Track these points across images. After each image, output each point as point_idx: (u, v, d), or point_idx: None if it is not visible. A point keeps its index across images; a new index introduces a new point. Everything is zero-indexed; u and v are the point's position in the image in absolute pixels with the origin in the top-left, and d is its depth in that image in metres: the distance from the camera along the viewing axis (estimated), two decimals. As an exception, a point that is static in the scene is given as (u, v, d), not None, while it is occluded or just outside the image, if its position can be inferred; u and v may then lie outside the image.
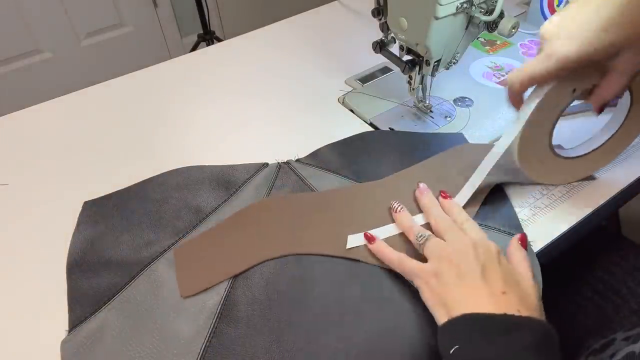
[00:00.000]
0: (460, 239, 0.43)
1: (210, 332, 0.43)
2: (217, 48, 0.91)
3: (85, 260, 0.50)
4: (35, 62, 1.79)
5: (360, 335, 0.42)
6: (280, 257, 0.49)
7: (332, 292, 0.46)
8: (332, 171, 0.59)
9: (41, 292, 0.49)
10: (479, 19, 0.54)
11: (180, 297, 0.46)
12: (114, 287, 0.48)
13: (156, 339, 0.43)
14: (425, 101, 0.67)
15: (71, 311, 0.46)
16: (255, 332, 0.43)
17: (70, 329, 0.44)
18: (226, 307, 0.45)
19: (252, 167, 0.60)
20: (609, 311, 0.56)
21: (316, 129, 0.67)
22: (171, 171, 0.60)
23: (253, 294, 0.46)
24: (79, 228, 0.54)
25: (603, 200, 0.53)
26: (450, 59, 0.60)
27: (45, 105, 0.76)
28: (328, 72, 0.79)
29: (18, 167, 0.64)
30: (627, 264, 0.59)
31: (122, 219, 0.55)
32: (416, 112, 0.68)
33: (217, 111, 0.72)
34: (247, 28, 0.96)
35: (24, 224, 0.56)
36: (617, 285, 0.58)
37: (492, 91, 0.70)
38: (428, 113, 0.67)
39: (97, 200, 0.57)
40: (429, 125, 0.65)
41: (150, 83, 0.80)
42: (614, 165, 0.57)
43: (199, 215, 0.54)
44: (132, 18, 1.92)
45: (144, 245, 0.52)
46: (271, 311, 0.45)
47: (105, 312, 0.46)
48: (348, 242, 0.49)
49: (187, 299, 0.46)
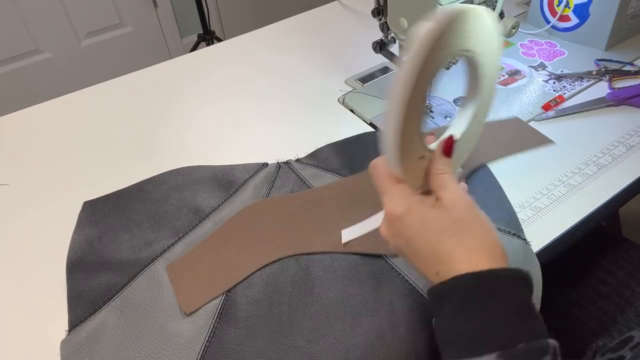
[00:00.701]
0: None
1: (210, 332, 0.43)
2: (217, 48, 0.91)
3: (85, 260, 0.50)
4: (35, 62, 1.79)
5: (359, 336, 0.42)
6: (277, 260, 0.49)
7: (331, 291, 0.46)
8: (332, 171, 0.59)
9: (41, 292, 0.49)
10: (479, 19, 0.54)
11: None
12: (114, 287, 0.48)
13: (156, 339, 0.43)
14: (425, 101, 0.67)
15: (71, 311, 0.46)
16: (255, 332, 0.43)
17: (69, 329, 0.44)
18: (226, 306, 0.45)
19: (252, 167, 0.60)
20: (613, 312, 0.56)
21: (316, 129, 0.67)
22: (171, 171, 0.60)
23: (253, 294, 0.46)
24: (79, 228, 0.54)
25: (603, 200, 0.53)
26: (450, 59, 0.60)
27: (45, 105, 0.76)
28: (328, 72, 0.79)
29: (18, 167, 0.64)
30: (628, 265, 0.59)
31: (122, 219, 0.55)
32: (416, 112, 0.68)
33: (218, 111, 0.72)
34: (247, 28, 0.96)
35: (23, 224, 0.56)
36: (619, 287, 0.58)
37: (492, 91, 0.70)
38: (428, 113, 0.67)
39: (97, 200, 0.57)
40: (429, 125, 0.65)
41: (150, 83, 0.80)
42: (614, 165, 0.57)
43: (199, 215, 0.54)
44: (132, 18, 1.92)
45: (144, 245, 0.52)
46: (271, 311, 0.45)
47: (104, 312, 0.45)
48: (343, 236, 0.49)
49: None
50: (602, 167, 0.56)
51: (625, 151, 0.58)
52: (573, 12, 0.77)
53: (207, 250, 0.51)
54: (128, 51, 1.97)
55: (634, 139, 0.60)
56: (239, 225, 0.53)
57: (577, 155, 0.58)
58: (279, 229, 0.52)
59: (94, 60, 1.91)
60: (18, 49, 1.73)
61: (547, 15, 0.81)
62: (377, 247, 0.48)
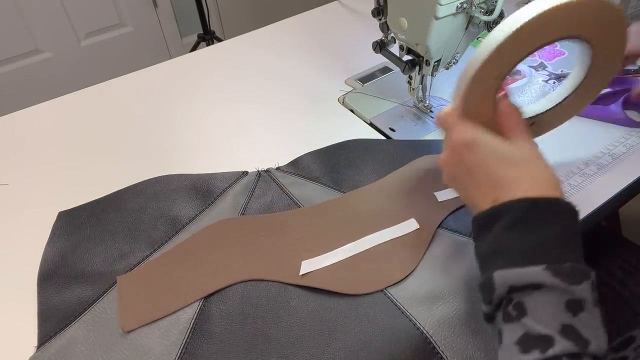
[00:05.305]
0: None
1: (182, 348, 0.42)
2: (217, 48, 0.91)
3: (57, 273, 0.49)
4: (35, 62, 1.79)
5: (335, 351, 0.42)
6: (230, 285, 0.47)
7: (308, 305, 0.45)
8: (312, 179, 0.58)
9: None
10: (479, 19, 0.54)
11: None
12: (86, 301, 0.46)
13: (126, 355, 0.42)
14: (425, 101, 0.67)
15: (41, 326, 0.45)
16: (229, 348, 0.42)
17: (39, 345, 0.43)
18: (199, 321, 0.44)
19: (231, 175, 0.59)
20: (612, 313, 0.56)
21: (316, 129, 0.67)
22: (150, 180, 0.59)
23: (228, 308, 0.45)
24: (52, 240, 0.53)
25: (603, 200, 0.53)
26: (450, 59, 0.60)
27: (45, 105, 0.76)
28: (328, 72, 0.79)
29: (18, 167, 0.64)
30: (628, 265, 0.59)
31: (97, 230, 0.53)
32: (416, 112, 0.68)
33: (218, 111, 0.72)
34: (247, 28, 0.95)
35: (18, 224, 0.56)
36: (618, 287, 0.57)
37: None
38: (428, 113, 0.67)
39: (72, 210, 0.56)
40: (429, 125, 0.65)
41: (150, 83, 0.80)
42: (614, 165, 0.57)
43: (176, 226, 0.53)
44: (132, 18, 1.92)
45: (118, 257, 0.51)
46: (245, 325, 0.44)
47: (75, 327, 0.44)
48: (302, 268, 0.48)
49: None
50: (602, 167, 0.56)
51: (625, 151, 0.58)
52: (573, 12, 0.77)
53: (162, 266, 0.49)
54: (128, 51, 1.97)
55: (634, 139, 0.60)
56: (198, 243, 0.51)
57: (577, 155, 0.58)
58: (239, 252, 0.50)
59: (94, 60, 1.91)
60: (18, 49, 1.73)
61: (547, 15, 0.81)
62: (334, 284, 0.46)
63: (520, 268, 0.34)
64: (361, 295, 0.45)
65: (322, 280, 0.46)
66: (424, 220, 0.50)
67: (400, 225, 0.51)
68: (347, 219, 0.52)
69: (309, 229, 0.52)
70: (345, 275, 0.47)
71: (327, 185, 0.57)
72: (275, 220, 0.53)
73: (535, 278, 0.33)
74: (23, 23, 1.69)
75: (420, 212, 0.51)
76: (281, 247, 0.50)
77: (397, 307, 0.44)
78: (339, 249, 0.49)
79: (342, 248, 0.49)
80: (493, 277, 0.35)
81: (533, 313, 0.33)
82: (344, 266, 0.48)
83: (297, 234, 0.51)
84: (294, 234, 0.51)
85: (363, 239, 0.50)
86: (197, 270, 0.49)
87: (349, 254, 0.49)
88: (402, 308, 0.44)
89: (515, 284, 0.34)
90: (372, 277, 0.46)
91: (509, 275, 0.34)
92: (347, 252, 0.49)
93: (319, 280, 0.47)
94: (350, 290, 0.46)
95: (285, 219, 0.53)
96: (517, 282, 0.34)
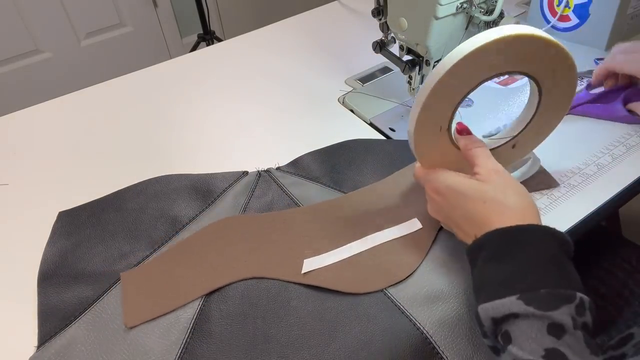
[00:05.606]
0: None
1: (182, 348, 0.42)
2: (217, 48, 0.91)
3: (57, 273, 0.49)
4: (35, 62, 1.79)
5: (335, 351, 0.42)
6: (232, 283, 0.47)
7: (308, 305, 0.45)
8: (312, 179, 0.58)
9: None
10: (479, 19, 0.54)
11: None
12: (86, 301, 0.46)
13: (126, 355, 0.42)
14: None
15: (41, 326, 0.44)
16: (229, 347, 0.42)
17: (39, 345, 0.43)
18: (199, 321, 0.44)
19: (232, 175, 0.59)
20: (612, 312, 0.56)
21: (316, 129, 0.67)
22: (150, 180, 0.59)
23: (228, 308, 0.45)
24: (52, 240, 0.53)
25: (603, 200, 0.53)
26: (450, 59, 0.60)
27: (45, 105, 0.76)
28: (328, 72, 0.79)
29: (18, 167, 0.64)
30: (628, 265, 0.59)
31: (97, 230, 0.53)
32: (416, 112, 0.68)
33: (218, 111, 0.72)
34: (247, 28, 0.96)
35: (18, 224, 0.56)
36: (618, 287, 0.58)
37: (493, 91, 0.70)
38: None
39: (72, 210, 0.56)
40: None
41: (150, 83, 0.80)
42: (614, 165, 0.57)
43: (176, 226, 0.53)
44: (132, 18, 1.92)
45: (118, 257, 0.51)
46: (245, 325, 0.44)
47: (75, 327, 0.44)
48: (304, 266, 0.48)
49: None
50: (602, 167, 0.56)
51: (625, 151, 0.58)
52: (573, 12, 0.77)
53: (164, 264, 0.49)
54: (128, 51, 1.97)
55: (634, 139, 0.60)
56: (200, 241, 0.51)
57: (577, 155, 0.58)
58: (241, 249, 0.50)
59: (94, 60, 1.91)
60: (18, 49, 1.73)
61: (547, 15, 0.81)
62: (336, 283, 0.46)
63: (499, 300, 0.35)
64: (361, 295, 0.45)
65: (324, 279, 0.46)
66: (427, 221, 0.50)
67: (403, 225, 0.51)
68: (350, 218, 0.52)
69: (312, 228, 0.52)
70: (348, 274, 0.47)
71: (328, 185, 0.57)
72: (278, 219, 0.53)
73: (510, 308, 0.34)
74: (23, 23, 1.69)
75: (422, 212, 0.51)
76: (283, 245, 0.50)
77: (397, 307, 0.44)
78: (341, 247, 0.49)
79: (345, 247, 0.49)
80: (478, 312, 0.36)
81: (517, 341, 0.33)
82: (347, 265, 0.47)
83: (299, 232, 0.51)
84: (296, 232, 0.51)
85: (366, 238, 0.50)
86: (199, 268, 0.49)
87: (351, 253, 0.49)
88: (402, 308, 0.44)
89: (495, 315, 0.35)
90: (375, 277, 0.46)
91: (489, 308, 0.35)
92: (350, 251, 0.49)
93: (321, 278, 0.47)
94: (353, 289, 0.46)
95: (287, 217, 0.53)
96: (496, 314, 0.35)
